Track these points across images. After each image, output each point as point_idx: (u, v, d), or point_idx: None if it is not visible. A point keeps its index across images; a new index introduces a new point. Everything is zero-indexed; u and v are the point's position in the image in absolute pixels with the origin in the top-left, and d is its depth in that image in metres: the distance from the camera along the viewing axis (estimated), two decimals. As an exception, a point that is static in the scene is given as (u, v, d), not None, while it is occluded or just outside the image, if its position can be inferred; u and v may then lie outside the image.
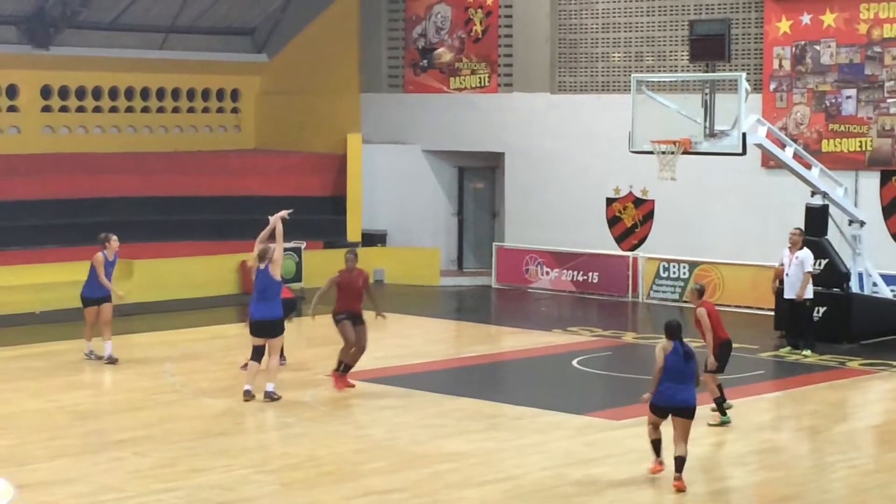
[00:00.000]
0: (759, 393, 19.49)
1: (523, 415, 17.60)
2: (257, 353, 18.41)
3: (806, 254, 22.12)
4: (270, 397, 18.16)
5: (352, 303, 18.88)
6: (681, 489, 14.32)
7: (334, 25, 32.93)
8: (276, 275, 18.44)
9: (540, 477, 14.83)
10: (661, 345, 14.78)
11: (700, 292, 17.56)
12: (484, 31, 30.99)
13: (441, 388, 19.21)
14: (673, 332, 14.72)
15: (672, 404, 14.59)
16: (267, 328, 18.35)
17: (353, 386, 18.97)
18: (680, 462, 14.45)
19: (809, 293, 22.10)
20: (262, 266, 18.46)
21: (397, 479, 14.59)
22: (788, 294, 22.22)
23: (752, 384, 19.96)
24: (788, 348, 22.31)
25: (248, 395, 18.23)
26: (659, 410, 14.75)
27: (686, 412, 14.61)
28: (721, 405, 17.34)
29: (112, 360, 20.80)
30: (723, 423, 17.21)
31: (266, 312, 18.32)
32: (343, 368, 18.98)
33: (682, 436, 14.56)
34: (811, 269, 22.06)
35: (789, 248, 22.29)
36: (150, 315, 25.71)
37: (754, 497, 14.58)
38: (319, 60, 33.03)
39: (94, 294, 21.10)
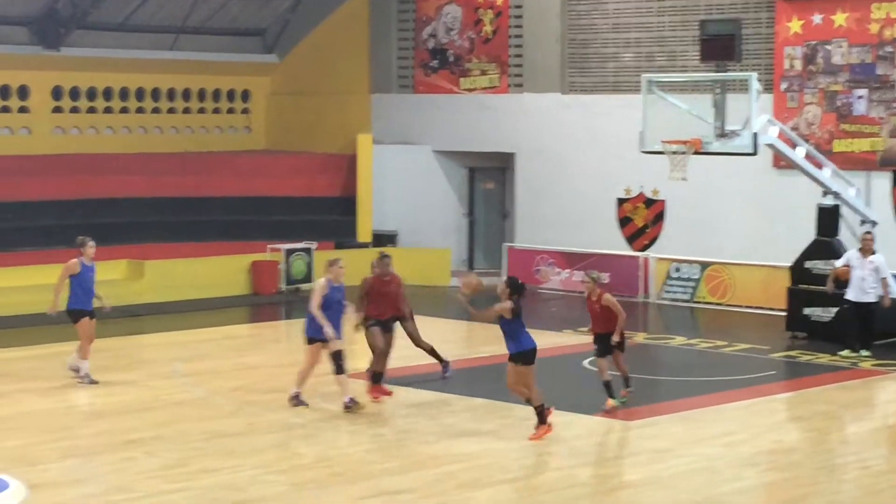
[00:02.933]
0: (770, 393, 19.43)
1: (532, 415, 17.54)
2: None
3: (880, 258, 21.96)
4: (346, 407, 17.59)
5: (384, 309, 18.65)
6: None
7: (344, 26, 32.93)
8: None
9: (550, 477, 14.80)
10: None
11: (599, 280, 18.34)
12: (494, 32, 30.97)
13: (452, 389, 19.19)
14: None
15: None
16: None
17: (389, 394, 18.62)
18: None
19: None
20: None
21: (408, 479, 14.57)
22: (856, 297, 21.92)
23: (763, 384, 19.91)
24: (847, 351, 21.94)
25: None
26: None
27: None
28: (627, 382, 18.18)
29: (78, 374, 19.60)
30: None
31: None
32: (374, 378, 18.62)
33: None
34: (887, 273, 21.88)
35: (859, 250, 22.11)
36: (160, 316, 25.72)
37: (765, 498, 14.54)
38: (329, 61, 33.04)
39: (83, 305, 19.63)
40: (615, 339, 17.80)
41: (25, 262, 26.71)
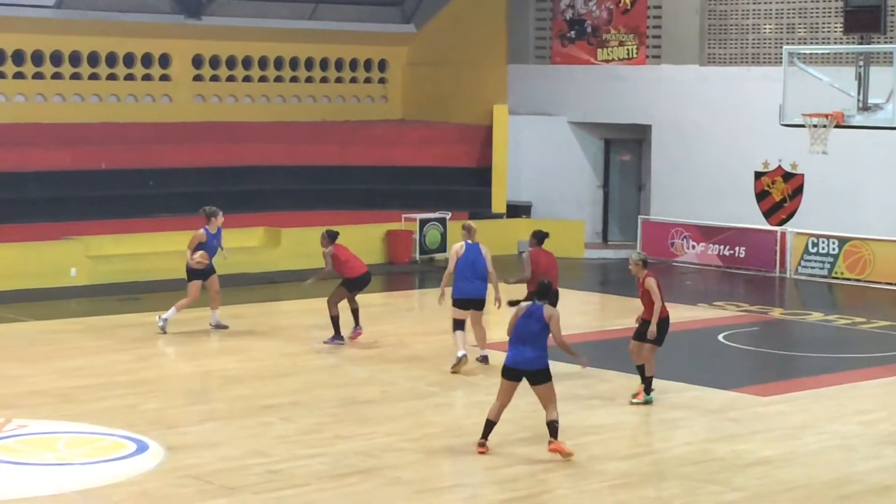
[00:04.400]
0: (909, 372, 19.14)
1: (668, 389, 17.47)
2: (460, 325, 18.38)
3: None
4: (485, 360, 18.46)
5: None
6: (558, 451, 14.19)
7: (482, -4, 32.92)
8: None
9: (684, 451, 14.73)
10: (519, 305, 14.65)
11: (645, 262, 16.79)
12: (633, 2, 30.72)
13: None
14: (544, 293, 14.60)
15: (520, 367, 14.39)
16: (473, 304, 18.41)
17: None
18: (553, 427, 14.35)
19: None
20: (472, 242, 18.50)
21: (541, 450, 14.56)
22: None
23: (903, 363, 19.61)
24: None
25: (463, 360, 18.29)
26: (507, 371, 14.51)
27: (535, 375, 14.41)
28: (649, 383, 16.83)
29: (221, 326, 20.97)
30: (646, 403, 16.78)
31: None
32: None
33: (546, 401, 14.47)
34: None
35: None
36: (297, 283, 25.94)
37: (904, 477, 14.33)
38: (466, 31, 33.04)
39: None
40: (652, 330, 16.53)
41: (166, 227, 27.14)
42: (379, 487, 13.36)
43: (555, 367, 18.63)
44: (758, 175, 28.79)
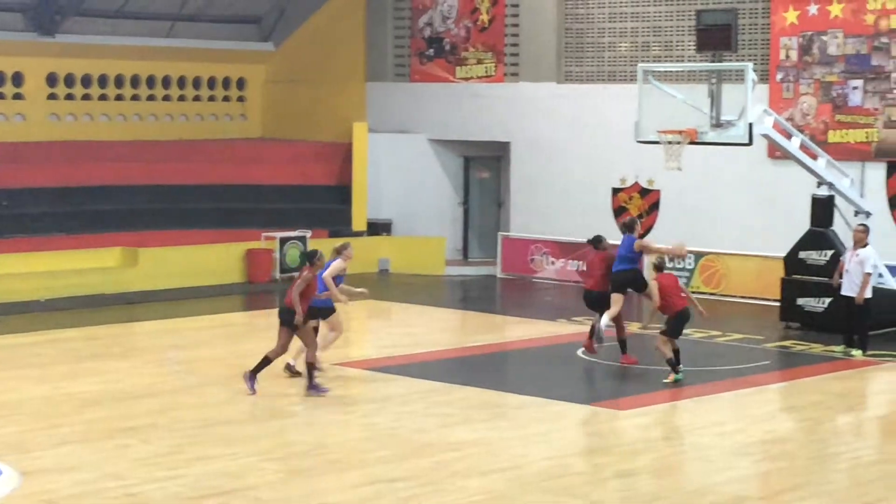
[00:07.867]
0: (763, 383, 19.48)
1: (527, 404, 17.60)
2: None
3: (867, 253, 21.26)
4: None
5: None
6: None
7: (340, 14, 32.91)
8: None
9: (544, 466, 14.83)
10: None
11: (660, 267, 20.04)
12: (490, 21, 30.96)
13: (446, 378, 19.21)
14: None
15: None
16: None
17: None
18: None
19: (868, 293, 21.27)
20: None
21: (402, 467, 14.59)
22: (846, 291, 21.40)
23: (756, 374, 19.96)
24: (843, 347, 21.53)
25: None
26: None
27: None
28: (674, 365, 19.11)
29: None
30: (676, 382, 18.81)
31: None
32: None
33: None
34: (870, 270, 21.21)
35: (854, 244, 21.70)
36: (154, 303, 25.71)
37: (758, 487, 14.57)
38: (325, 49, 33.03)
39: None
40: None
41: (19, 248, 26.74)
42: (239, 508, 13.27)
43: (410, 384, 18.75)
44: (615, 191, 29.14)
